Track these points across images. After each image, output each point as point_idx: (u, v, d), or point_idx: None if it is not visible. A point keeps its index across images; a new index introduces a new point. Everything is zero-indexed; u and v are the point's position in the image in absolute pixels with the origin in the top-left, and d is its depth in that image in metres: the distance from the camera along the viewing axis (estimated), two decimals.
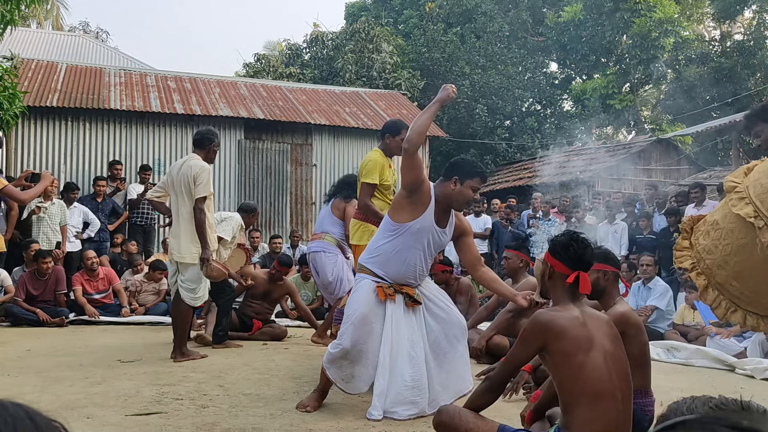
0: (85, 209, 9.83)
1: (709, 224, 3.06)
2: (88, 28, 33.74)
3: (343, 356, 3.97)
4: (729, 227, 2.88)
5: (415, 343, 3.97)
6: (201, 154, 5.76)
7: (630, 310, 3.65)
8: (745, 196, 2.80)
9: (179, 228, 5.66)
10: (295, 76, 19.77)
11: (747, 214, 2.75)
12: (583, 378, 2.61)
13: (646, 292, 7.60)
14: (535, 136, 20.26)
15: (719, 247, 2.94)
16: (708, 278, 3.03)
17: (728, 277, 2.94)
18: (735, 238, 2.87)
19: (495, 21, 22.93)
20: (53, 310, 8.19)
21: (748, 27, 24.14)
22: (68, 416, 3.81)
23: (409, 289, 4.02)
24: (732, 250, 2.89)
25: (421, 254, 3.98)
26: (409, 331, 3.97)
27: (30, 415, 0.86)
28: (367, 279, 4.01)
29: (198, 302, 5.81)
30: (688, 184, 11.99)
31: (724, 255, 2.93)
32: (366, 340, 3.94)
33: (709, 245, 3.00)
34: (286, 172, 13.17)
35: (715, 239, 2.96)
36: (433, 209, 3.90)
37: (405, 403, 3.87)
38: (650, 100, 25.02)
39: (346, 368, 3.99)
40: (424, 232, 3.91)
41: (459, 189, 3.87)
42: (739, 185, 2.88)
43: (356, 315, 3.95)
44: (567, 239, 2.89)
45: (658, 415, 1.37)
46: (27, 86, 11.74)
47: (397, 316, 3.96)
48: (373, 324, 3.94)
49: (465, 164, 3.93)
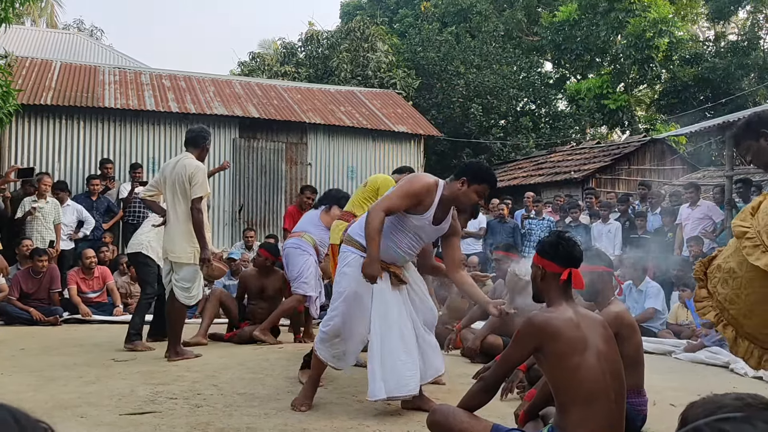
0: (80, 207, 9.81)
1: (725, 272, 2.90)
2: (83, 26, 33.61)
3: (335, 334, 4.00)
4: (748, 276, 2.76)
5: (404, 319, 3.99)
6: (194, 153, 5.74)
7: (624, 311, 3.67)
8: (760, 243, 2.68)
9: (173, 227, 5.64)
10: (290, 74, 19.74)
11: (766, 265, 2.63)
12: (577, 379, 2.62)
13: (638, 294, 7.60)
14: (530, 136, 20.28)
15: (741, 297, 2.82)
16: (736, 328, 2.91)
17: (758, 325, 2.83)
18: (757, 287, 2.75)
19: (490, 20, 22.94)
20: (47, 308, 8.16)
21: (742, 27, 24.23)
22: (62, 415, 3.80)
23: (395, 268, 4.05)
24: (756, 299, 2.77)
25: (412, 241, 4.03)
26: (398, 308, 3.99)
27: (15, 416, 0.84)
28: (355, 254, 4.00)
29: (192, 301, 5.81)
30: (682, 184, 12.03)
31: (749, 304, 2.80)
32: (356, 316, 3.97)
33: (730, 295, 2.86)
34: (281, 171, 13.16)
35: (736, 288, 2.83)
36: (434, 209, 3.93)
37: (402, 381, 3.88)
38: (644, 100, 25.09)
39: (337, 346, 4.02)
40: (419, 227, 3.97)
41: (464, 191, 3.89)
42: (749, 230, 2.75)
43: (347, 292, 3.97)
44: (555, 238, 2.92)
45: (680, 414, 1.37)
46: (21, 84, 11.71)
47: (385, 292, 3.97)
48: (363, 300, 3.96)
49: (476, 168, 3.96)
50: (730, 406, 1.24)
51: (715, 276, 2.96)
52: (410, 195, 3.88)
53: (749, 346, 2.89)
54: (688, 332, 7.16)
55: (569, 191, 14.53)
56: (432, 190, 3.91)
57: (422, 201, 3.90)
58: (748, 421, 0.89)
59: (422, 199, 3.89)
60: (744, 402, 1.24)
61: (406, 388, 3.88)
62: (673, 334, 7.24)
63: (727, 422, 0.90)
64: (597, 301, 3.70)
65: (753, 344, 2.87)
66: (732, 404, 1.25)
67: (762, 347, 2.86)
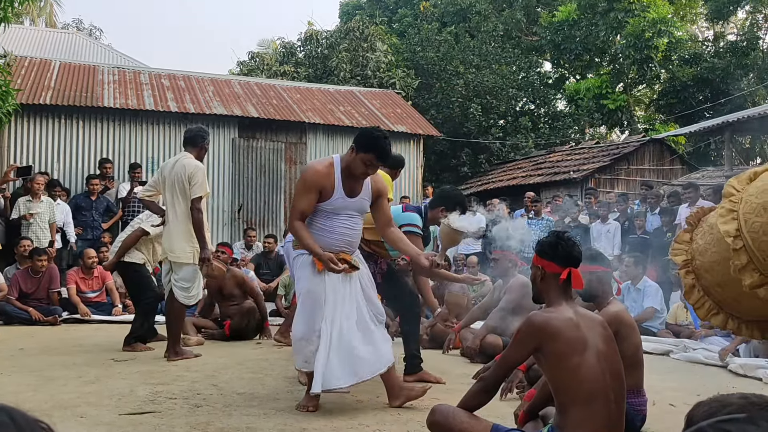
0: (68, 209, 9.81)
1: (707, 225, 3.04)
2: (82, 26, 33.59)
3: (301, 337, 4.00)
4: (718, 236, 2.84)
5: (347, 314, 3.99)
6: (193, 152, 5.74)
7: (623, 310, 3.67)
8: (735, 210, 2.74)
9: (173, 227, 5.64)
10: (289, 74, 19.73)
11: (727, 233, 2.71)
12: (577, 379, 2.62)
13: (636, 294, 7.60)
14: (529, 136, 20.29)
15: (708, 252, 2.93)
16: (696, 278, 3.05)
17: (713, 282, 2.95)
18: (721, 248, 2.84)
19: (489, 20, 22.94)
20: (46, 308, 8.16)
21: (741, 27, 24.23)
22: (61, 415, 3.80)
23: (346, 255, 4.05)
24: (718, 258, 2.88)
25: (344, 221, 4.05)
26: (342, 303, 3.99)
27: (12, 416, 0.83)
28: (303, 254, 4.05)
29: (192, 301, 5.81)
30: (681, 184, 12.03)
31: (711, 261, 2.92)
32: (315, 314, 3.96)
33: (702, 247, 2.99)
34: (281, 171, 13.16)
35: (708, 243, 2.95)
36: (341, 187, 3.98)
37: (335, 374, 3.89)
38: (643, 100, 25.10)
39: (304, 348, 4.00)
40: (338, 207, 4.01)
41: (353, 158, 3.95)
42: (735, 194, 2.82)
43: (303, 291, 4.02)
44: (554, 239, 2.93)
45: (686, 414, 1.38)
46: (20, 84, 11.70)
47: (335, 285, 3.99)
48: (318, 296, 3.96)
49: (363, 136, 3.99)
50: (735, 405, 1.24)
51: (701, 226, 3.10)
52: (307, 189, 3.95)
53: (702, 297, 3.05)
54: (687, 332, 7.17)
55: (568, 191, 14.53)
56: (327, 173, 3.96)
57: (323, 186, 3.95)
58: (751, 421, 0.89)
59: (321, 185, 3.95)
60: (749, 401, 1.24)
61: (340, 382, 3.90)
62: (673, 334, 7.24)
63: (731, 423, 0.90)
64: (596, 301, 3.70)
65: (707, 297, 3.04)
66: (737, 403, 1.25)
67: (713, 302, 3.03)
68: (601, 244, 9.88)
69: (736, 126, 13.12)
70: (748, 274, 2.68)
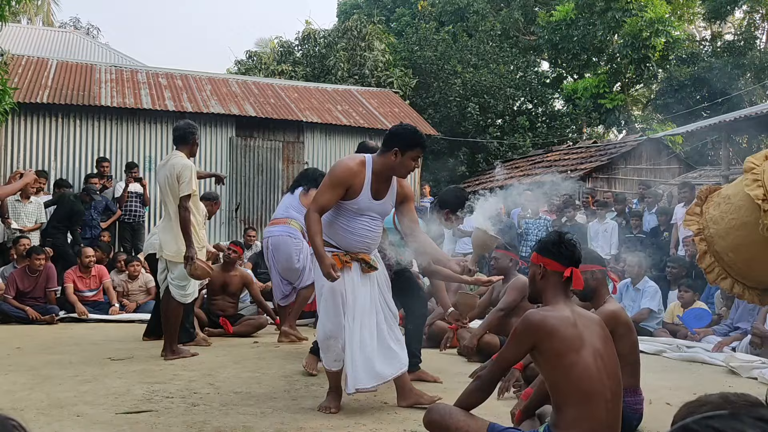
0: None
1: (721, 197, 3.36)
2: (79, 24, 33.58)
3: (329, 335, 3.98)
4: (738, 203, 3.17)
5: (367, 313, 3.98)
6: (185, 150, 5.73)
7: (620, 309, 3.67)
8: (760, 179, 3.05)
9: (167, 226, 5.65)
10: (286, 73, 19.73)
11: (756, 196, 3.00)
12: (573, 377, 2.63)
13: (635, 293, 7.60)
14: (527, 135, 20.30)
15: (725, 219, 3.24)
16: (708, 245, 3.35)
17: (726, 247, 3.26)
18: (742, 214, 3.16)
19: (487, 20, 22.95)
20: (43, 307, 8.15)
21: (738, 27, 24.27)
22: (58, 414, 3.80)
23: (364, 255, 4.03)
24: (736, 224, 3.19)
25: (366, 222, 4.01)
26: (363, 302, 3.98)
27: None
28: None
29: (188, 299, 5.79)
30: (678, 183, 12.04)
31: (728, 228, 3.23)
32: (339, 311, 3.95)
33: (717, 216, 3.30)
34: (278, 170, 13.15)
35: (724, 212, 3.25)
36: (369, 188, 3.93)
37: (371, 373, 3.90)
38: (641, 100, 25.11)
39: (333, 347, 3.99)
40: (362, 208, 3.96)
41: (400, 161, 3.89)
42: (756, 167, 3.12)
43: (325, 290, 3.97)
44: (557, 237, 2.93)
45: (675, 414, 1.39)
46: (17, 82, 11.68)
47: (354, 284, 3.97)
48: (340, 293, 3.95)
49: (405, 135, 3.93)
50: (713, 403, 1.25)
51: (712, 200, 3.44)
52: (335, 184, 3.87)
53: (713, 262, 3.36)
54: (684, 332, 7.17)
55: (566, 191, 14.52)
56: (358, 171, 3.89)
57: (351, 184, 3.88)
58: (736, 417, 0.90)
59: (350, 183, 3.88)
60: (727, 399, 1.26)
61: (368, 382, 3.90)
62: (670, 333, 7.25)
63: (716, 419, 0.91)
64: (592, 300, 3.71)
65: (717, 262, 3.35)
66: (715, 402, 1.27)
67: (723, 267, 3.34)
68: (599, 243, 9.90)
69: (733, 125, 13.13)
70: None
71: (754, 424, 0.88)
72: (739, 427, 0.88)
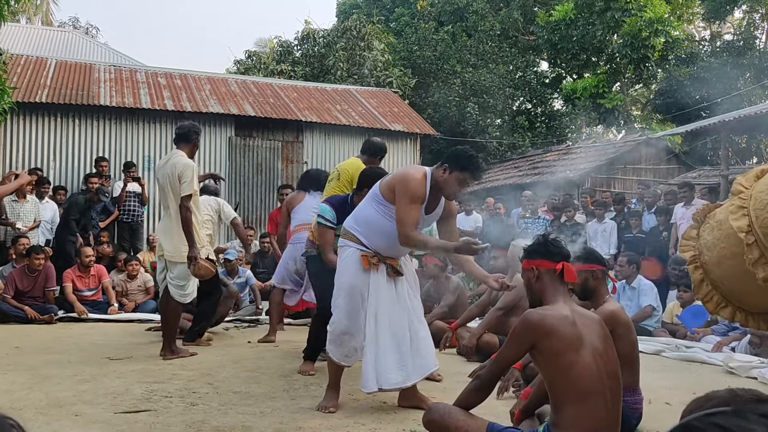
0: (55, 207, 9.84)
1: (716, 220, 3.13)
2: (78, 24, 33.57)
3: (344, 331, 3.98)
4: (728, 231, 2.93)
5: (396, 313, 3.97)
6: (186, 149, 5.73)
7: (619, 309, 3.67)
8: (746, 207, 2.83)
9: (167, 226, 5.64)
10: (286, 73, 19.73)
11: (740, 228, 2.79)
12: (572, 376, 2.62)
13: (632, 292, 7.59)
14: (526, 135, 20.30)
15: (717, 247, 3.01)
16: (705, 273, 3.14)
17: (721, 276, 3.04)
18: (731, 243, 2.93)
19: (486, 19, 22.95)
20: (42, 307, 8.14)
21: (737, 27, 24.27)
22: (57, 414, 3.80)
23: (393, 261, 4.04)
24: (727, 254, 2.96)
25: None
26: (390, 302, 3.97)
27: None
28: (352, 247, 4.01)
29: (187, 299, 5.78)
30: (677, 183, 12.04)
31: (720, 256, 3.00)
32: (358, 310, 3.96)
33: (710, 242, 3.08)
34: (277, 170, 13.14)
35: (717, 239, 3.03)
36: (427, 200, 3.92)
37: (392, 374, 3.90)
38: (640, 100, 25.11)
39: (347, 343, 4.00)
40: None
41: (446, 178, 3.87)
42: (744, 191, 2.90)
43: (346, 286, 3.97)
44: (542, 239, 2.99)
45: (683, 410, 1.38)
46: (16, 82, 11.66)
47: (380, 285, 3.96)
48: (361, 293, 3.95)
49: (458, 154, 3.90)
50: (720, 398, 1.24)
51: (708, 222, 3.21)
52: (414, 200, 3.83)
53: (711, 291, 3.17)
54: (683, 331, 7.17)
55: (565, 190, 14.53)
56: (424, 183, 3.89)
57: (424, 198, 3.90)
58: (739, 414, 0.89)
59: (424, 197, 3.89)
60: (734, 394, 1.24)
61: (396, 381, 3.90)
62: (669, 333, 7.24)
63: (719, 416, 0.90)
64: (591, 300, 3.71)
65: (715, 290, 3.16)
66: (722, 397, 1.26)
67: (721, 295, 3.14)
68: (598, 243, 9.89)
69: (732, 125, 13.12)
70: (760, 268, 2.77)
71: (759, 420, 0.88)
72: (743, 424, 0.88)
